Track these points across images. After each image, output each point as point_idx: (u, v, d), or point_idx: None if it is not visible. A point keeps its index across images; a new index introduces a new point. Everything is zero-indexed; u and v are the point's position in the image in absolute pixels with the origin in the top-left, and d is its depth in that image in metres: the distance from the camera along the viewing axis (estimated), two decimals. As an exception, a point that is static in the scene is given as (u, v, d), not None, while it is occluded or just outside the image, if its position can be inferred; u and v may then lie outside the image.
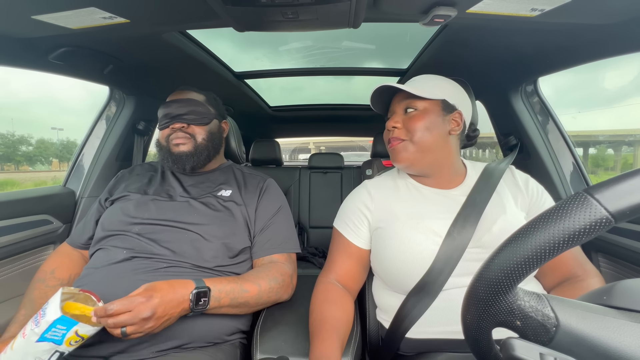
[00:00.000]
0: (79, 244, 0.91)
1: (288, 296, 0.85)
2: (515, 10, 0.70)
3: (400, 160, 0.75)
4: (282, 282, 0.80)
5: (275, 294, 0.79)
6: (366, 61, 1.71)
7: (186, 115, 0.90)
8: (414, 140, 0.72)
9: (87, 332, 0.57)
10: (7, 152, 25.12)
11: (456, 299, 0.64)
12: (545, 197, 0.75)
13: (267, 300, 0.78)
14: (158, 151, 0.95)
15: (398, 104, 0.77)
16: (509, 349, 0.29)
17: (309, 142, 16.68)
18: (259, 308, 0.80)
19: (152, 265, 0.74)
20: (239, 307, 0.73)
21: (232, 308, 0.72)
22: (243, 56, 1.65)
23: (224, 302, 0.70)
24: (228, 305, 0.71)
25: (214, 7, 0.67)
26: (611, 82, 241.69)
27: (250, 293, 0.73)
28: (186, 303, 0.64)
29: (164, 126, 0.91)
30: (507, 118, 1.29)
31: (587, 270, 0.67)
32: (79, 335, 0.56)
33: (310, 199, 1.95)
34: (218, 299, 0.69)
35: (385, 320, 0.75)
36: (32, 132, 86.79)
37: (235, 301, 0.71)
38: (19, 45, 0.82)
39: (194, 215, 0.83)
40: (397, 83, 0.76)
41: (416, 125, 0.72)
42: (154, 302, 0.59)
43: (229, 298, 0.70)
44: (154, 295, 0.60)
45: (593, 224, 0.27)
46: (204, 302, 0.66)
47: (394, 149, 0.75)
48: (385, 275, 0.74)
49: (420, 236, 0.68)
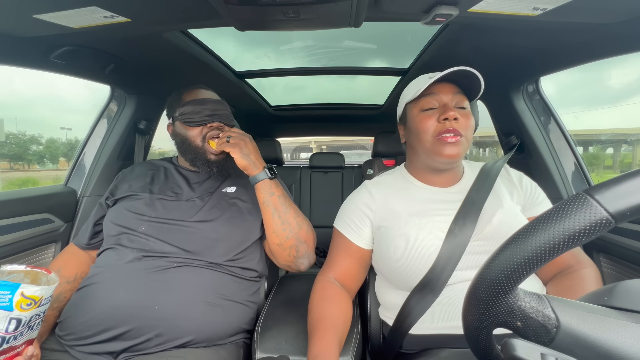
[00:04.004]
0: (83, 245, 0.91)
1: (312, 249, 0.88)
2: (517, 9, 0.69)
3: (457, 155, 0.69)
4: (312, 228, 0.88)
5: (309, 226, 0.86)
6: (367, 60, 1.70)
7: (223, 115, 0.91)
8: (467, 138, 0.71)
9: (35, 292, 0.56)
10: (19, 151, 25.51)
11: (459, 295, 0.65)
12: (538, 191, 0.76)
13: (302, 222, 0.84)
14: (182, 148, 0.92)
15: (450, 95, 0.72)
16: (510, 349, 0.29)
17: (310, 141, 16.67)
18: (295, 228, 0.83)
19: (163, 265, 0.75)
20: (285, 207, 0.82)
21: (282, 200, 0.83)
22: (244, 55, 1.65)
23: (279, 190, 0.83)
24: (282, 195, 0.83)
25: (215, 6, 0.67)
26: (616, 80, 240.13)
27: (293, 205, 0.86)
28: (263, 162, 0.84)
29: (200, 123, 0.88)
30: (508, 117, 1.28)
31: (581, 261, 0.69)
32: (28, 297, 0.55)
33: (311, 198, 1.95)
34: (277, 184, 0.84)
35: (388, 318, 0.75)
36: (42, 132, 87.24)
37: (285, 198, 0.84)
38: (21, 44, 0.82)
39: (201, 213, 0.84)
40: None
41: (469, 123, 0.71)
42: (252, 139, 0.85)
43: (282, 191, 0.84)
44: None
45: (593, 225, 0.27)
46: (273, 173, 0.83)
47: (456, 142, 0.68)
48: (389, 273, 0.74)
49: (424, 232, 0.69)
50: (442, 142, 0.69)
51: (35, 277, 0.60)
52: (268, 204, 0.81)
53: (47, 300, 0.58)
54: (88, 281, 0.76)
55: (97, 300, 0.71)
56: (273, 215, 0.81)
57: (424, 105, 0.72)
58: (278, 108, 2.18)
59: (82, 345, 0.69)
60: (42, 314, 0.59)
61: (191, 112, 0.88)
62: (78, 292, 0.76)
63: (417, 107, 0.74)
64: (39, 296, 0.57)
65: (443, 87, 0.72)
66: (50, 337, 0.75)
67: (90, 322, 0.69)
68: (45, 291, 0.58)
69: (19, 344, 0.56)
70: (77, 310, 0.72)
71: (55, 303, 0.79)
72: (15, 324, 0.54)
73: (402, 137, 0.83)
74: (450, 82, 0.72)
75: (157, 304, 0.70)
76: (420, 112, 0.73)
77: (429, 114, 0.71)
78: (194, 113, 0.88)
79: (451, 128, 0.68)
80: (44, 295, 0.57)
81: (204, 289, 0.75)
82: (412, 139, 0.77)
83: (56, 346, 0.72)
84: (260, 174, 0.81)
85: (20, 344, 0.57)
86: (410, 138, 0.78)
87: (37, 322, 0.58)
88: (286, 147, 11.89)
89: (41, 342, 0.73)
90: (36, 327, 0.58)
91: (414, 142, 0.76)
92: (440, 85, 0.72)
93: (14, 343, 0.55)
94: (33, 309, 0.56)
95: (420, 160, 0.77)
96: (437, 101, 0.72)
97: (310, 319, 0.69)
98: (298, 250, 0.83)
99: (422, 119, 0.72)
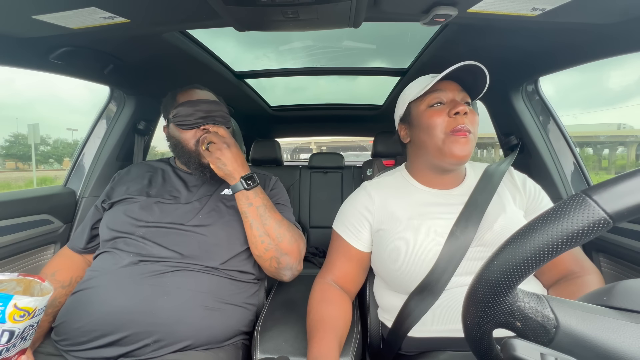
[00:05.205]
0: (79, 249, 0.90)
1: (297, 260, 0.84)
2: (516, 9, 0.69)
3: (467, 154, 0.68)
4: (298, 235, 0.86)
5: (292, 237, 0.83)
6: (367, 61, 1.71)
7: (217, 117, 0.88)
8: (475, 135, 0.70)
9: (28, 303, 0.55)
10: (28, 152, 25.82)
11: (458, 298, 0.64)
12: (542, 195, 0.75)
13: (283, 234, 0.81)
14: (176, 151, 0.90)
15: (455, 91, 0.71)
16: (509, 349, 0.29)
17: (310, 142, 16.69)
18: (275, 240, 0.80)
19: (159, 269, 0.74)
20: (265, 218, 0.80)
21: (261, 211, 0.80)
22: (243, 56, 1.65)
23: (259, 201, 0.80)
24: (261, 205, 0.80)
25: (214, 7, 0.67)
26: (615, 81, 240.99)
27: (276, 215, 0.83)
28: (245, 170, 0.81)
29: (194, 125, 0.86)
30: (507, 118, 1.29)
31: (585, 267, 0.67)
32: (22, 309, 0.54)
33: (311, 198, 1.95)
34: (257, 193, 0.81)
35: (387, 320, 0.75)
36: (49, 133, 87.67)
37: (265, 209, 0.81)
38: (20, 45, 0.82)
39: (199, 217, 0.83)
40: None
41: (475, 119, 0.70)
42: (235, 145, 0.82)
43: (263, 201, 0.81)
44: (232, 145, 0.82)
45: (591, 225, 0.27)
46: (251, 183, 0.81)
47: (467, 139, 0.67)
48: (387, 276, 0.74)
49: (423, 237, 0.68)
50: (453, 140, 0.67)
51: (28, 286, 0.59)
52: (246, 215, 0.80)
53: (41, 310, 0.57)
54: (83, 285, 0.75)
55: (92, 306, 0.70)
56: (251, 227, 0.79)
57: (432, 101, 0.71)
58: (277, 108, 2.17)
59: (78, 350, 0.68)
60: (36, 324, 0.57)
61: (184, 114, 0.85)
62: (73, 295, 0.75)
63: (423, 104, 0.72)
64: (32, 307, 0.55)
65: (449, 84, 0.71)
66: (46, 341, 0.74)
67: (85, 327, 0.68)
68: (39, 302, 0.56)
69: (11, 355, 0.55)
70: (72, 315, 0.71)
71: (49, 309, 0.77)
72: (7, 336, 0.53)
73: (404, 138, 0.80)
74: (454, 81, 0.72)
75: (154, 309, 0.69)
76: (428, 108, 0.71)
77: (439, 109, 0.70)
78: (186, 115, 0.85)
79: (463, 123, 0.67)
80: (37, 306, 0.56)
81: (202, 293, 0.74)
82: (420, 137, 0.73)
83: (52, 350, 0.71)
84: (237, 185, 0.79)
85: (13, 355, 0.55)
86: (418, 136, 0.74)
87: (31, 333, 0.57)
88: (285, 148, 11.88)
89: (35, 347, 0.72)
90: (29, 337, 0.57)
91: (424, 139, 0.72)
92: (445, 82, 0.71)
93: (6, 355, 0.54)
94: (26, 320, 0.55)
95: (426, 159, 0.74)
96: (444, 97, 0.70)
97: (309, 321, 0.69)
98: (279, 262, 0.81)
99: (432, 114, 0.70)
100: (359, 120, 2.45)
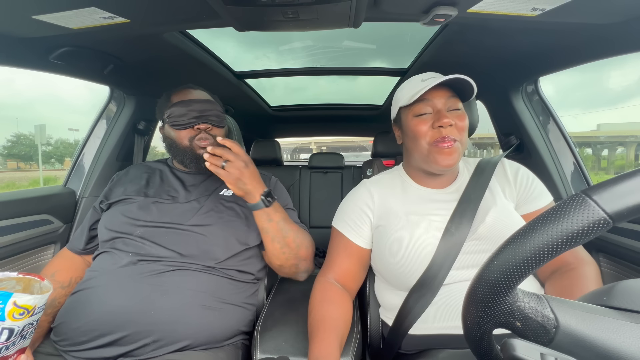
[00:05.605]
0: (78, 250, 0.90)
1: (312, 262, 0.90)
2: (516, 9, 0.69)
3: (454, 162, 0.69)
4: (310, 238, 0.90)
5: (309, 243, 0.88)
6: (367, 61, 1.71)
7: (211, 116, 0.87)
8: (462, 142, 0.70)
9: (28, 301, 0.55)
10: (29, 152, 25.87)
11: (457, 295, 0.65)
12: (535, 185, 0.75)
13: (301, 242, 0.85)
14: (172, 150, 0.90)
15: (443, 99, 0.71)
16: (509, 349, 0.29)
17: (310, 142, 16.69)
18: (294, 250, 0.84)
19: (158, 268, 0.74)
20: (285, 231, 0.82)
21: (281, 225, 0.81)
22: (243, 56, 1.65)
23: (278, 216, 0.81)
24: (280, 220, 0.81)
25: (214, 7, 0.67)
26: (615, 81, 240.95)
27: (292, 225, 0.85)
28: (263, 187, 0.80)
29: (187, 125, 0.85)
30: (507, 118, 1.29)
31: (580, 258, 0.67)
32: (21, 307, 0.54)
33: (311, 198, 1.95)
34: (276, 209, 0.81)
35: (389, 318, 0.76)
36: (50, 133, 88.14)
37: (284, 222, 0.82)
38: (20, 45, 0.82)
39: (197, 217, 0.83)
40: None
41: (463, 125, 0.71)
42: (251, 162, 0.79)
43: (281, 215, 0.82)
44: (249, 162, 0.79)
45: (591, 225, 0.27)
46: (271, 199, 0.80)
47: (452, 148, 0.68)
48: (387, 272, 0.75)
49: (421, 231, 0.70)
50: (437, 150, 0.69)
51: (27, 285, 0.59)
52: (267, 231, 0.81)
53: (40, 309, 0.57)
54: (83, 285, 0.75)
55: (91, 305, 0.70)
56: (273, 242, 0.81)
57: (418, 111, 0.72)
58: (277, 108, 2.17)
59: (77, 350, 0.68)
60: (35, 322, 0.57)
61: (177, 114, 0.85)
62: (73, 296, 0.75)
63: (410, 113, 0.73)
64: (32, 305, 0.56)
65: (436, 92, 0.71)
66: (45, 341, 0.74)
67: (85, 327, 0.68)
68: (39, 300, 0.56)
69: (10, 353, 0.55)
70: (71, 316, 0.71)
71: (49, 309, 0.77)
72: (7, 334, 0.53)
73: (398, 139, 0.83)
74: (443, 86, 0.72)
75: (153, 309, 0.69)
76: (414, 118, 0.73)
77: (424, 119, 0.71)
78: (180, 115, 0.85)
79: (446, 135, 0.68)
80: (37, 304, 0.56)
81: (201, 292, 0.74)
82: (408, 143, 0.77)
83: (51, 350, 0.71)
84: (258, 204, 0.78)
85: (12, 354, 0.55)
86: (406, 141, 0.78)
87: (30, 331, 0.57)
88: (285, 148, 11.88)
89: (35, 348, 0.72)
90: (29, 335, 0.57)
91: (410, 146, 0.75)
92: (433, 91, 0.71)
93: (5, 353, 0.54)
94: (26, 318, 0.55)
95: (416, 163, 0.77)
96: (430, 107, 0.71)
97: (310, 320, 0.69)
98: (298, 267, 0.87)
99: (417, 124, 0.71)
100: (359, 120, 2.45)
